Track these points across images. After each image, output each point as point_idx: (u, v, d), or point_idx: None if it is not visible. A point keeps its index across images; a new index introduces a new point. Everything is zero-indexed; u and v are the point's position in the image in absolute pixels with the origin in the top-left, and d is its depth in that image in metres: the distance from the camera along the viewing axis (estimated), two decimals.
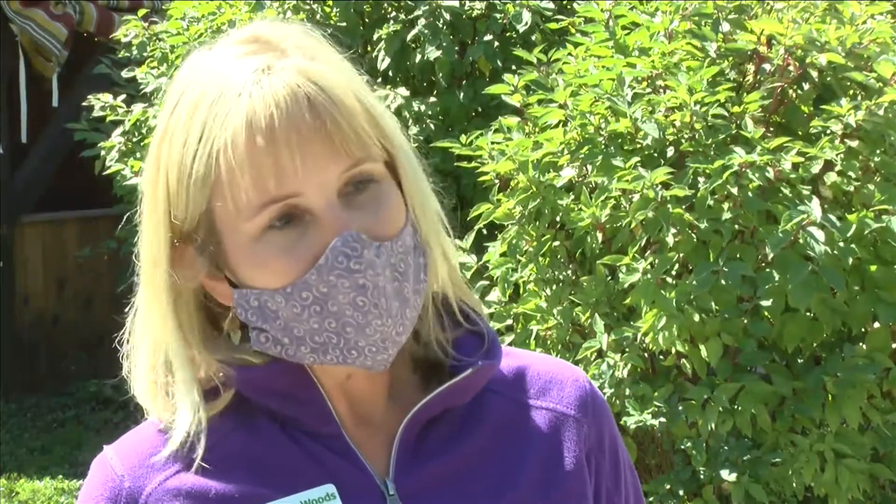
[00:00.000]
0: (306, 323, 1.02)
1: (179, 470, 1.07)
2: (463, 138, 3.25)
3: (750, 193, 2.80)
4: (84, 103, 5.12)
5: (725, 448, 2.90)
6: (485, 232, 3.34)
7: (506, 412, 1.13)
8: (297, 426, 1.07)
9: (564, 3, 4.32)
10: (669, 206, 2.79)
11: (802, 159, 2.85)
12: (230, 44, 1.06)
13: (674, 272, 2.91)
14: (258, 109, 0.99)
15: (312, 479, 1.05)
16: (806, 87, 3.11)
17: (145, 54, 4.88)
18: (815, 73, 3.05)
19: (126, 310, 1.12)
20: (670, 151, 3.03)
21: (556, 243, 3.13)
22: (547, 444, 1.13)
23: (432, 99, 4.25)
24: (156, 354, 1.09)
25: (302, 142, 0.99)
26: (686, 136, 2.96)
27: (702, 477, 2.95)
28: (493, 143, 3.18)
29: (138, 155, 4.81)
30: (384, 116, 1.06)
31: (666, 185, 2.81)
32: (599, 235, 2.99)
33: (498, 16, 4.27)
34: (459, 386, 1.09)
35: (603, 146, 3.03)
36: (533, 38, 4.19)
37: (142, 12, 5.04)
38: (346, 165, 1.01)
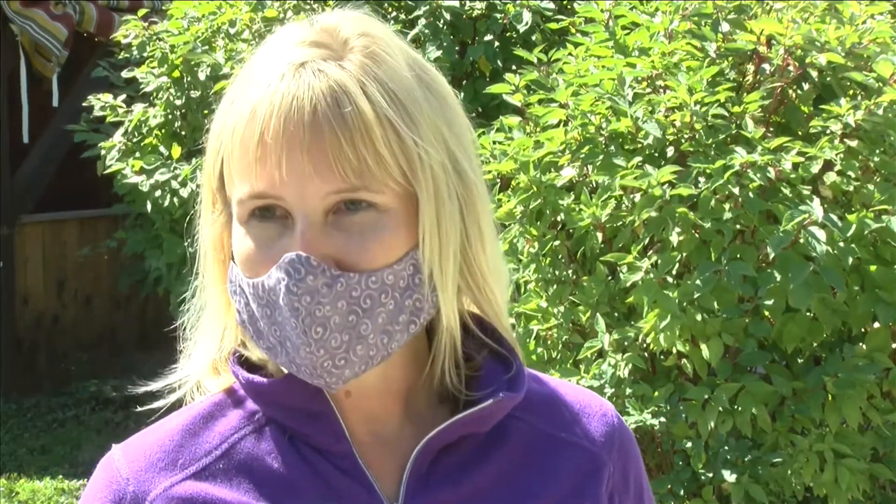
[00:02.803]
0: (262, 320, 1.01)
1: (186, 477, 1.05)
2: None
3: (751, 193, 2.80)
4: (84, 104, 5.12)
5: (725, 448, 2.90)
6: None
7: (527, 441, 1.09)
8: (307, 441, 1.05)
9: (564, 3, 4.33)
10: (673, 205, 2.80)
11: (802, 159, 2.85)
12: (304, 28, 1.03)
13: (675, 272, 2.91)
14: (264, 105, 0.97)
15: (316, 498, 1.03)
16: (806, 87, 3.11)
17: (145, 54, 4.88)
18: (814, 73, 3.05)
19: (188, 291, 1.12)
20: (670, 151, 3.03)
21: (557, 243, 3.13)
22: (567, 479, 1.09)
23: None
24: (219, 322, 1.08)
25: (292, 152, 0.95)
26: (686, 136, 2.96)
27: (702, 477, 2.95)
28: (494, 142, 3.18)
29: (138, 155, 4.81)
30: (426, 149, 0.99)
31: (671, 184, 2.82)
32: (600, 235, 2.99)
33: (498, 16, 4.27)
34: (478, 416, 1.05)
35: (604, 146, 3.03)
36: (533, 38, 4.19)
37: (142, 12, 5.04)
38: (336, 187, 0.96)
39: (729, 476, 2.87)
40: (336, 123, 0.95)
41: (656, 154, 3.02)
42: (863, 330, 2.93)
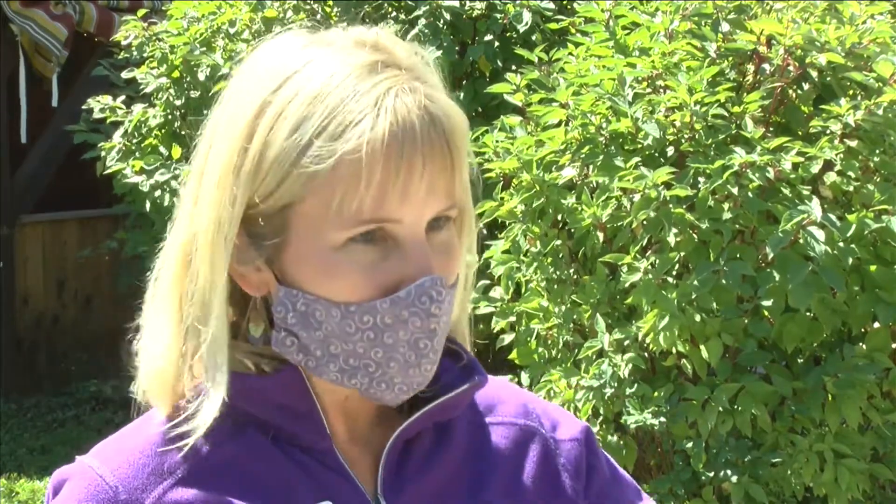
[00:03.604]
0: (352, 344, 0.99)
1: (176, 482, 1.02)
2: None
3: (750, 193, 2.80)
4: (84, 106, 5.12)
5: (725, 448, 2.90)
6: (485, 231, 3.34)
7: (466, 430, 1.13)
8: (290, 440, 1.05)
9: (564, 3, 4.33)
10: (671, 205, 2.80)
11: (802, 159, 2.85)
12: (349, 43, 1.00)
13: (674, 272, 2.91)
14: (401, 124, 0.95)
15: (307, 495, 1.03)
16: (806, 87, 3.11)
17: (145, 55, 4.88)
18: (814, 73, 3.06)
19: (138, 302, 1.08)
20: (670, 151, 3.04)
21: (559, 242, 3.13)
22: (506, 457, 1.13)
23: None
24: (182, 334, 1.03)
25: (433, 170, 0.96)
26: (686, 136, 2.96)
27: (702, 477, 2.95)
28: (496, 141, 3.18)
29: (138, 155, 4.81)
30: (467, 167, 1.04)
31: (668, 185, 2.82)
32: (600, 235, 2.99)
33: (498, 16, 4.27)
34: (449, 403, 1.07)
35: (604, 146, 3.03)
36: (533, 38, 4.19)
37: (142, 12, 5.04)
38: (446, 205, 0.99)
39: (729, 476, 2.87)
40: (454, 142, 0.98)
41: (656, 154, 3.02)
42: (863, 330, 2.93)
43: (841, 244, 2.70)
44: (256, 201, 0.98)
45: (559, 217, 3.08)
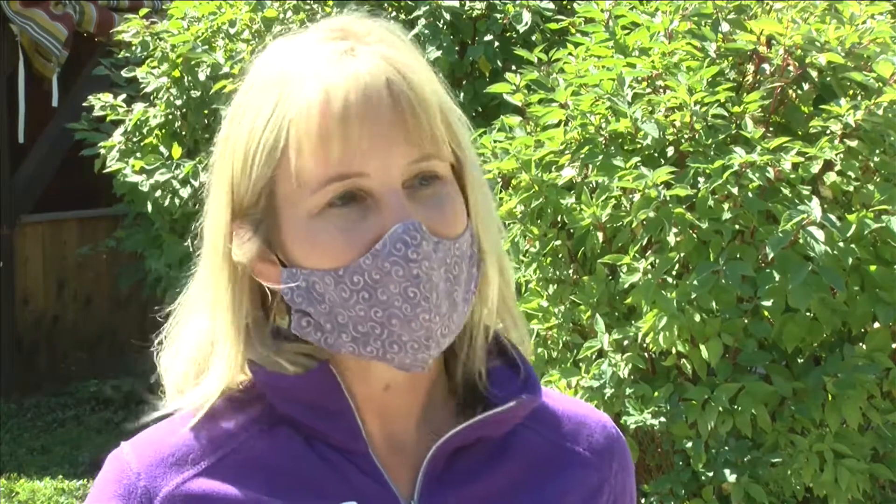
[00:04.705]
0: (352, 309, 0.99)
1: (198, 473, 1.04)
2: None
3: (750, 193, 2.80)
4: (84, 104, 5.12)
5: (725, 448, 2.90)
6: None
7: (536, 449, 1.10)
8: (323, 440, 1.05)
9: (564, 3, 4.33)
10: (671, 205, 2.80)
11: (802, 159, 2.85)
12: (315, 30, 1.04)
13: (674, 272, 2.91)
14: (337, 83, 0.98)
15: (334, 495, 1.02)
16: (805, 87, 3.11)
17: (145, 54, 4.88)
18: (814, 73, 3.06)
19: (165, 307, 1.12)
20: (670, 151, 3.03)
21: (558, 243, 3.13)
22: (577, 489, 1.10)
23: None
24: (202, 333, 1.07)
25: (376, 122, 0.97)
26: (686, 136, 2.96)
27: (702, 477, 2.95)
28: (495, 141, 3.18)
29: (138, 155, 4.81)
30: (458, 122, 1.05)
31: (668, 185, 2.82)
32: (600, 235, 2.99)
33: (498, 16, 4.27)
34: (497, 418, 1.05)
35: (603, 146, 3.03)
36: (533, 38, 4.19)
37: (142, 12, 5.04)
38: (415, 156, 0.99)
39: (729, 476, 2.87)
40: (409, 95, 0.98)
41: (656, 154, 3.02)
42: (863, 330, 2.93)
43: (841, 244, 2.70)
44: (241, 195, 1.02)
45: (558, 217, 3.08)
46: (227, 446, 1.05)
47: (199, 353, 1.07)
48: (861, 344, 2.91)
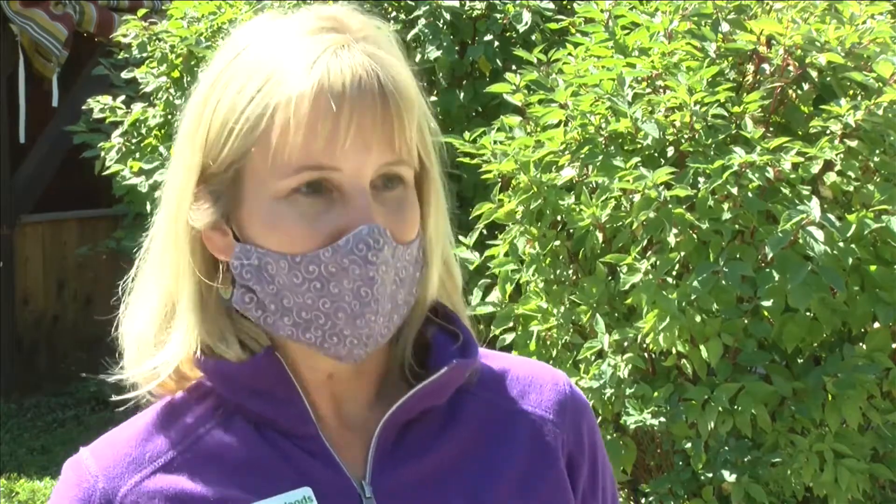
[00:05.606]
0: (301, 296, 1.01)
1: (155, 470, 1.05)
2: (466, 135, 3.25)
3: (750, 193, 2.80)
4: (84, 106, 5.12)
5: (725, 448, 2.90)
6: (485, 232, 3.34)
7: (485, 415, 1.12)
8: (274, 426, 1.06)
9: (564, 3, 4.32)
10: (671, 206, 2.79)
11: (802, 159, 2.85)
12: (306, 17, 1.05)
13: (674, 272, 2.91)
14: (332, 76, 0.99)
15: (288, 482, 1.04)
16: (805, 87, 3.11)
17: (145, 54, 4.88)
18: (814, 73, 3.05)
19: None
20: (670, 151, 3.03)
21: (558, 243, 3.13)
22: (527, 449, 1.11)
23: (432, 98, 4.25)
24: (162, 299, 1.08)
25: (363, 121, 0.99)
26: (686, 136, 2.96)
27: (702, 477, 2.95)
28: (495, 141, 3.18)
29: (138, 155, 4.81)
30: (429, 130, 1.07)
31: (668, 185, 2.82)
32: (600, 235, 2.99)
33: (498, 16, 4.27)
34: (435, 385, 1.07)
35: (603, 146, 3.03)
36: (533, 38, 4.19)
37: (142, 12, 5.03)
38: (389, 159, 1.01)
39: (729, 476, 2.87)
40: (397, 98, 1.01)
41: (656, 154, 3.02)
42: (863, 330, 2.93)
43: (841, 244, 2.70)
44: (210, 162, 1.03)
45: (558, 218, 3.08)
46: (184, 441, 1.06)
47: (158, 316, 1.09)
48: (861, 344, 2.91)
